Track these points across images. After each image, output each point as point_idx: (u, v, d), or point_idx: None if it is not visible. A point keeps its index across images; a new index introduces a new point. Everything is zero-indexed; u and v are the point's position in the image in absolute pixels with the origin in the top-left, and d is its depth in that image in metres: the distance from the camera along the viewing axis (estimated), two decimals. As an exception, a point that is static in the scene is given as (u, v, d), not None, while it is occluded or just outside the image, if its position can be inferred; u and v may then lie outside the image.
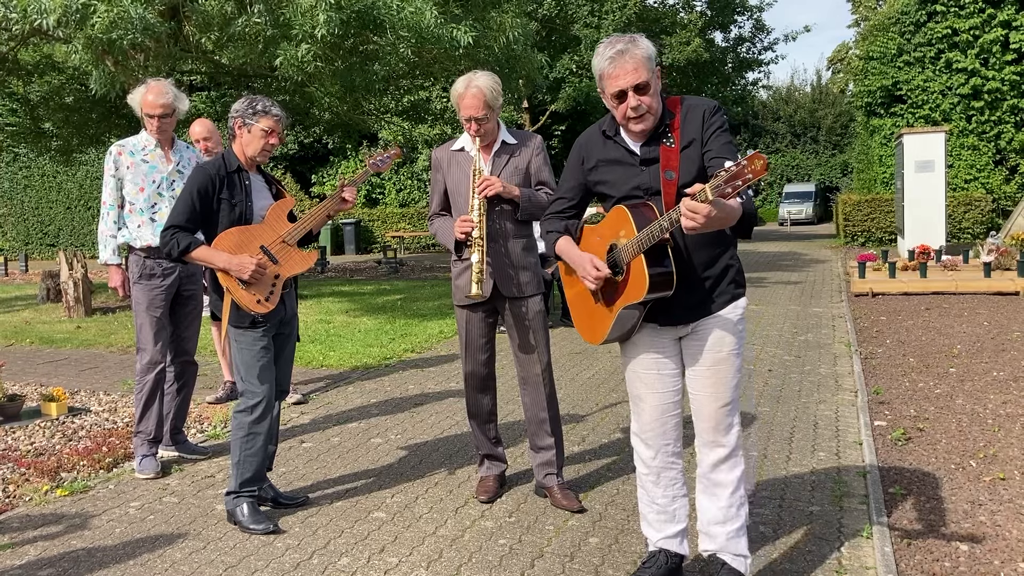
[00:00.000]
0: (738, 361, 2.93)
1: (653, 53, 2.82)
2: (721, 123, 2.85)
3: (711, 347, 2.90)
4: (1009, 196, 19.71)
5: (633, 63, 2.75)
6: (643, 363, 3.02)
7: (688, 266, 2.85)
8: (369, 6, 8.27)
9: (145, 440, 4.60)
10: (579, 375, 6.82)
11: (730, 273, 2.92)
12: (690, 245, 2.85)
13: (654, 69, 2.81)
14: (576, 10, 22.10)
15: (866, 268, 12.08)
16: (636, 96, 2.77)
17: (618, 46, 2.77)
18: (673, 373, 3.01)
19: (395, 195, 27.70)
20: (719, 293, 2.90)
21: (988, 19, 19.39)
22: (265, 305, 3.72)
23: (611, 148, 2.97)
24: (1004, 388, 5.91)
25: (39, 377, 7.38)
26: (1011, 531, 3.54)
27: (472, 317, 4.01)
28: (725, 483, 2.96)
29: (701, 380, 2.93)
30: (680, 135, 2.84)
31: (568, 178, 3.14)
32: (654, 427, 3.03)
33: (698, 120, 2.84)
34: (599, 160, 3.00)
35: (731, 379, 2.92)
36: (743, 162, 2.30)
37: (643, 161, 2.89)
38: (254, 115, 3.79)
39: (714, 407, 2.92)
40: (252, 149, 3.82)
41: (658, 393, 3.01)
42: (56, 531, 3.85)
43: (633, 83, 2.76)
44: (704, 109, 2.86)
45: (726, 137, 2.82)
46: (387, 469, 4.60)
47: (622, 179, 2.93)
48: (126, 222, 4.70)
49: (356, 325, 9.92)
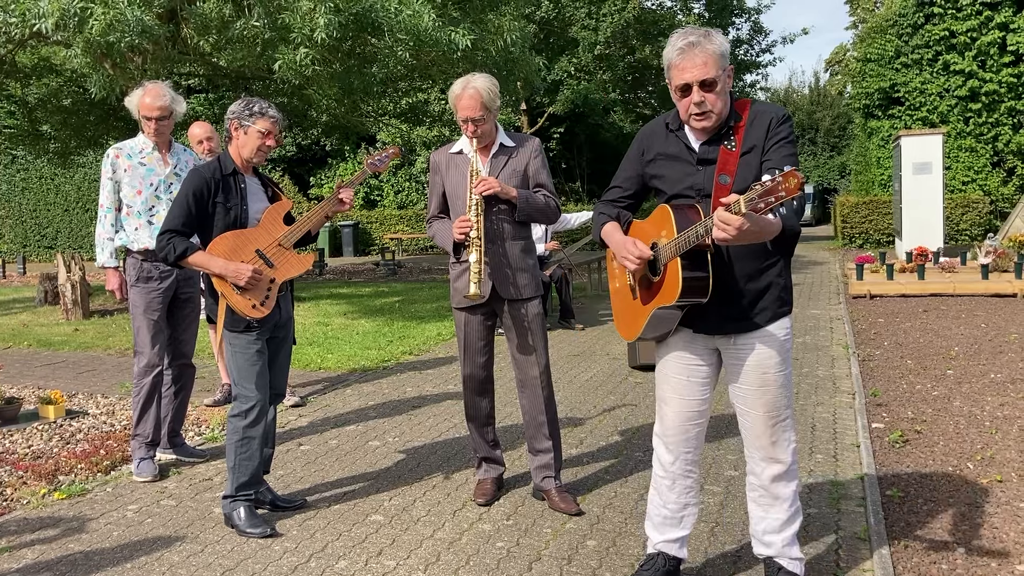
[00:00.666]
0: (787, 378, 2.89)
1: (726, 50, 2.73)
2: (786, 134, 2.76)
3: (756, 366, 2.86)
4: (1007, 198, 19.72)
5: (703, 57, 2.67)
6: (674, 367, 2.99)
7: (729, 276, 2.79)
8: (367, 9, 8.28)
9: (143, 443, 4.60)
10: (577, 377, 6.82)
11: (775, 289, 2.85)
12: (733, 255, 2.79)
13: (726, 67, 2.73)
14: (574, 12, 22.10)
15: (864, 270, 12.08)
16: (700, 92, 2.70)
17: (690, 38, 2.70)
18: (703, 381, 2.97)
19: (393, 197, 27.68)
20: (761, 308, 2.84)
21: (985, 21, 19.41)
22: (260, 310, 3.72)
23: (672, 142, 2.91)
24: (1001, 390, 5.91)
25: (37, 380, 7.37)
26: (1008, 533, 3.55)
27: (470, 319, 4.01)
28: (784, 497, 2.95)
29: (751, 399, 2.89)
30: (743, 139, 2.77)
31: (625, 167, 3.08)
32: (676, 433, 3.02)
33: (763, 127, 2.77)
34: (658, 153, 2.94)
35: (782, 397, 2.88)
36: (778, 178, 2.25)
37: (700, 160, 2.83)
38: (250, 116, 3.78)
39: (768, 425, 2.89)
40: (248, 151, 3.82)
41: (684, 399, 2.99)
42: (53, 534, 3.84)
43: (699, 78, 2.68)
44: (772, 117, 2.78)
45: (788, 149, 2.73)
46: (385, 472, 4.60)
47: (677, 176, 2.87)
48: (123, 225, 4.70)
49: (354, 327, 9.91)
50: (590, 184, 27.64)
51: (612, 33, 21.51)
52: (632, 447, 4.89)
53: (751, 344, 2.86)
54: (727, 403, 5.43)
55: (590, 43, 21.61)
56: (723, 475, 4.34)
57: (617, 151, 28.25)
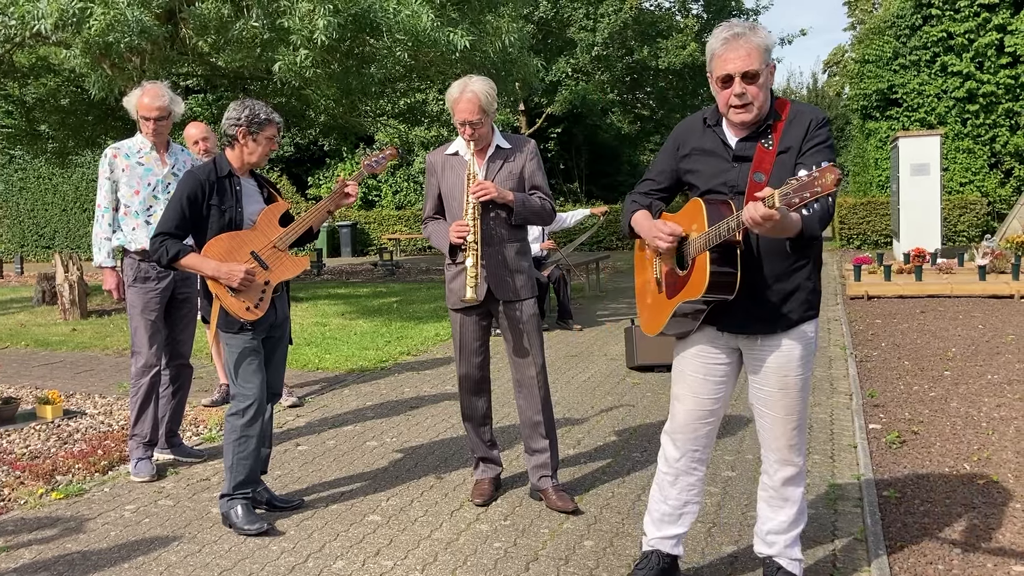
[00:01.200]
0: (807, 381, 2.89)
1: (771, 44, 2.73)
2: (824, 137, 2.75)
3: (778, 368, 2.85)
4: (1004, 199, 19.75)
5: (747, 48, 2.67)
6: (691, 364, 2.98)
7: (757, 275, 2.78)
8: (366, 9, 8.28)
9: (140, 443, 4.60)
10: (575, 378, 6.82)
11: (803, 292, 2.83)
12: (764, 254, 2.78)
13: (769, 62, 2.72)
14: (572, 13, 22.10)
15: (861, 271, 12.10)
16: (743, 83, 2.68)
17: (735, 29, 2.70)
18: (719, 380, 2.97)
19: (391, 197, 27.68)
20: (787, 311, 2.82)
21: (983, 23, 19.43)
22: (255, 312, 3.72)
23: (708, 137, 2.88)
24: (998, 391, 5.92)
25: (34, 380, 7.37)
26: (1004, 534, 3.55)
27: (466, 320, 4.02)
28: (793, 499, 2.97)
29: (771, 401, 2.89)
30: (780, 138, 2.74)
31: (659, 161, 3.05)
32: (685, 430, 3.02)
33: (802, 128, 2.75)
34: (693, 148, 2.92)
35: (802, 400, 2.89)
36: (815, 173, 2.24)
37: (736, 157, 2.80)
38: (260, 125, 3.78)
39: (787, 428, 2.90)
40: (258, 156, 3.84)
41: (698, 397, 2.98)
42: (51, 534, 3.84)
43: (742, 69, 2.67)
44: (811, 119, 2.76)
45: (825, 154, 2.71)
46: (382, 472, 4.60)
47: (712, 172, 2.85)
48: (121, 225, 4.70)
49: (352, 328, 9.91)
50: (588, 185, 27.64)
51: (610, 34, 21.50)
52: (630, 447, 4.89)
53: (775, 346, 2.85)
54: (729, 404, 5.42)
55: (588, 44, 21.61)
56: (720, 475, 4.35)
57: (615, 152, 28.28)
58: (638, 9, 22.70)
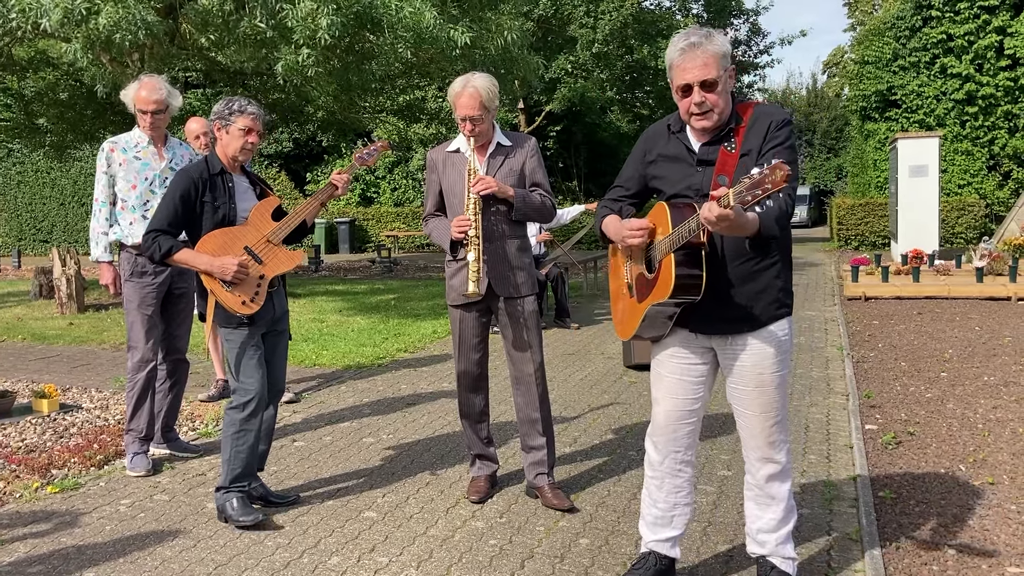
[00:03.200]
0: (784, 379, 2.90)
1: (728, 51, 2.75)
2: (784, 138, 2.76)
3: (753, 367, 2.86)
4: (1003, 201, 19.77)
5: (703, 58, 2.70)
6: (667, 367, 3.00)
7: (723, 275, 2.80)
8: (368, 6, 8.26)
9: (136, 438, 4.59)
10: (572, 376, 6.82)
11: (771, 291, 2.84)
12: (728, 255, 2.80)
13: (728, 68, 2.75)
14: (572, 11, 22.09)
15: (859, 272, 12.11)
16: (701, 92, 2.72)
17: (691, 38, 2.72)
18: (697, 381, 2.98)
19: (390, 194, 27.68)
20: (757, 310, 2.83)
21: (983, 25, 19.45)
22: (250, 306, 3.72)
23: (673, 144, 2.92)
24: (995, 393, 5.93)
25: (31, 374, 7.36)
26: (999, 535, 3.56)
27: (466, 316, 4.02)
28: (779, 496, 2.98)
29: (748, 400, 2.90)
30: (742, 141, 2.77)
31: (628, 168, 3.10)
32: (666, 432, 3.03)
33: (763, 130, 2.77)
34: (659, 154, 2.96)
35: (779, 397, 2.89)
36: (765, 171, 2.26)
37: (700, 161, 2.84)
38: (231, 115, 3.82)
39: (765, 425, 2.91)
40: (232, 149, 3.84)
41: (676, 399, 2.99)
42: (46, 528, 3.84)
43: (700, 78, 2.71)
44: (772, 120, 2.78)
45: (786, 155, 2.72)
46: (378, 469, 4.60)
47: (677, 176, 2.88)
48: (118, 219, 4.69)
49: (349, 324, 9.91)
50: (587, 183, 27.64)
51: (610, 31, 21.49)
52: (626, 446, 4.89)
53: (748, 345, 2.87)
54: (722, 402, 5.44)
55: (588, 41, 21.60)
56: (716, 474, 4.35)
57: (614, 150, 28.27)
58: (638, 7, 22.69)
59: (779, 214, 2.65)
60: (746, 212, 2.44)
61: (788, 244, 2.93)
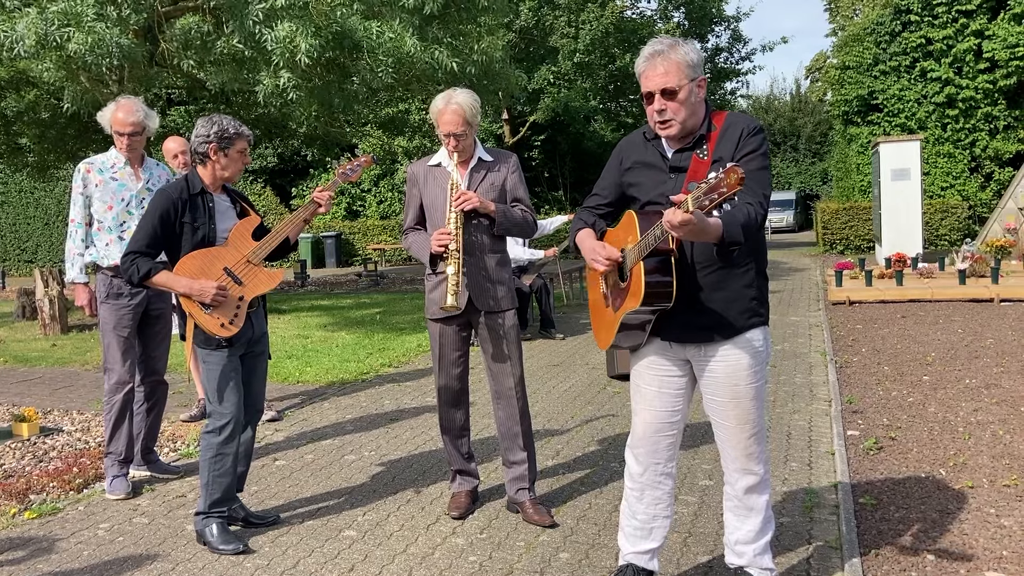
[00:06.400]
0: (759, 390, 2.89)
1: (694, 60, 2.77)
2: (755, 146, 2.78)
3: (727, 377, 2.86)
4: (985, 203, 19.91)
5: (665, 66, 2.73)
6: (645, 378, 3.00)
7: (694, 283, 2.81)
8: (348, 29, 8.24)
9: (116, 460, 4.56)
10: (555, 388, 6.82)
11: (743, 300, 2.84)
12: (699, 263, 2.81)
13: (695, 77, 2.77)
14: (553, 21, 22.16)
15: (843, 276, 12.16)
16: (662, 100, 2.75)
17: (656, 47, 2.76)
18: (676, 393, 2.98)
19: (376, 207, 27.66)
20: (729, 318, 2.83)
21: (961, 29, 19.63)
22: (229, 328, 3.70)
23: (648, 151, 2.95)
24: (976, 396, 5.96)
25: (11, 397, 7.30)
26: (978, 540, 3.57)
27: (445, 331, 4.01)
28: (757, 508, 2.98)
29: (724, 411, 2.90)
30: (714, 149, 2.79)
31: (605, 176, 3.12)
32: (646, 444, 3.03)
33: (735, 138, 2.80)
34: (635, 162, 2.98)
35: (755, 409, 2.89)
36: (720, 175, 2.28)
37: (672, 168, 2.86)
38: (230, 140, 3.77)
39: (742, 437, 2.90)
40: (232, 171, 3.83)
41: (654, 410, 2.99)
42: (22, 555, 3.80)
43: (661, 86, 2.74)
44: (743, 128, 2.80)
45: (758, 162, 2.75)
46: (360, 486, 4.58)
47: (651, 184, 2.91)
48: (94, 240, 4.66)
49: (334, 340, 9.88)
50: (572, 192, 27.67)
51: (592, 40, 21.54)
52: (608, 458, 4.89)
53: (721, 355, 2.86)
54: (703, 412, 5.43)
55: (570, 51, 21.66)
56: (697, 485, 4.35)
57: (599, 159, 28.30)
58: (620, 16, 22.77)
59: (746, 221, 2.65)
60: (709, 218, 2.45)
61: (762, 253, 2.94)
